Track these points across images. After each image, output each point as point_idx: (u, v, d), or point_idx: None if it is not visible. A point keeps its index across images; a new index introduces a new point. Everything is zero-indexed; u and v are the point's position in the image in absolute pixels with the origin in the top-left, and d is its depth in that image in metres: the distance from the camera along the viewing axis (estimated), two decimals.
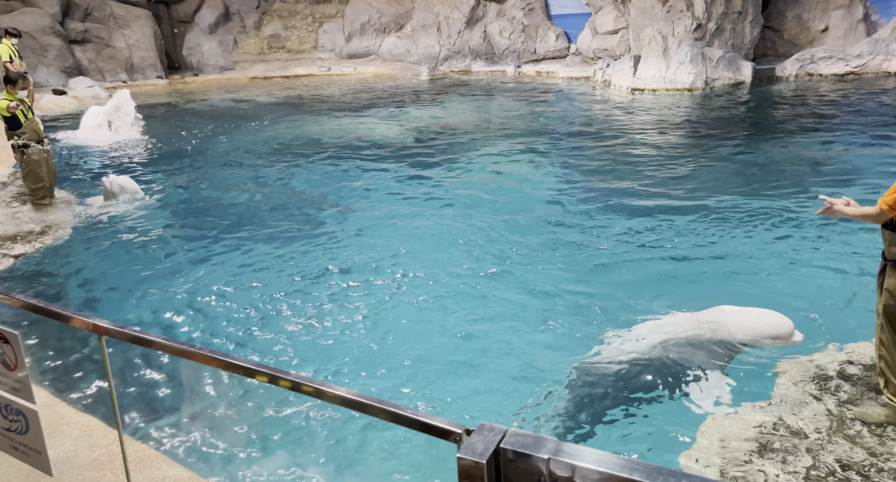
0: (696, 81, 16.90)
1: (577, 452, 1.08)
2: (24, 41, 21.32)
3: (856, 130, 11.36)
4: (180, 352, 1.82)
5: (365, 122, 14.78)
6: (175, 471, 3.06)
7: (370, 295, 5.72)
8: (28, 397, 2.04)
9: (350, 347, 4.86)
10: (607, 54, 21.10)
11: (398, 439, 3.76)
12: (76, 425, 3.44)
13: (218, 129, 14.64)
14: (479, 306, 5.46)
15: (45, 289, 6.05)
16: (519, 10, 23.54)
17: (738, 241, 6.62)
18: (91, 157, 12.11)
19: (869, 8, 19.13)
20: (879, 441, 3.17)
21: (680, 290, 5.60)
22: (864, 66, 17.47)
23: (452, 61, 24.71)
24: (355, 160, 11.08)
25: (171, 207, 8.67)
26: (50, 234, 7.35)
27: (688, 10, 17.53)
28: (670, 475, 1.00)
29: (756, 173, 9.12)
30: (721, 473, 3.00)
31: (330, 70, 25.03)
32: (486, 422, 1.19)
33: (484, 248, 6.69)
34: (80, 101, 19.03)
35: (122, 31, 23.68)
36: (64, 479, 2.96)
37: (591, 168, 9.95)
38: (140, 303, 5.77)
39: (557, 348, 4.76)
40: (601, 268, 6.13)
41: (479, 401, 4.19)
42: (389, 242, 7.00)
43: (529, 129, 13.24)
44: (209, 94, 21.52)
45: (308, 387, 1.50)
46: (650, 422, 3.85)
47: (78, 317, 2.04)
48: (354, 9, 25.98)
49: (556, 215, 7.72)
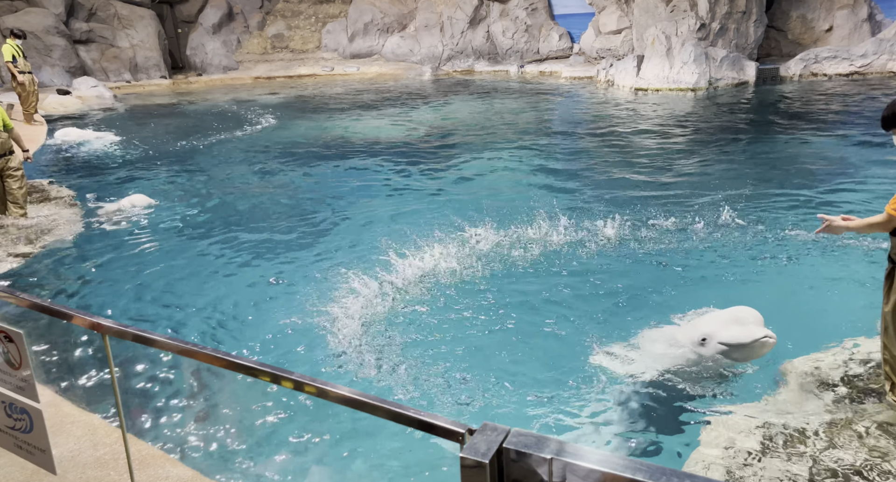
0: (700, 81, 16.87)
1: (579, 452, 1.08)
2: (29, 41, 21.38)
3: (860, 131, 11.33)
4: (183, 351, 1.82)
5: (368, 122, 14.79)
6: (179, 469, 3.06)
7: (370, 294, 5.73)
8: (32, 396, 2.05)
9: (350, 347, 4.86)
10: (611, 54, 21.07)
11: (401, 438, 3.76)
12: (80, 424, 3.45)
13: (221, 129, 14.67)
14: (479, 306, 5.46)
15: (49, 288, 6.07)
16: (522, 10, 23.52)
17: (741, 242, 6.60)
18: (92, 157, 12.14)
19: (874, 7, 19.07)
20: (884, 442, 3.16)
21: (684, 293, 5.58)
22: (868, 65, 17.41)
23: (455, 61, 24.71)
24: (358, 160, 11.08)
25: (173, 207, 8.69)
26: (54, 234, 7.37)
27: (691, 10, 17.49)
28: (673, 475, 1.00)
29: (760, 174, 9.10)
30: (725, 474, 3.00)
31: (333, 70, 25.05)
32: (489, 421, 1.19)
33: (483, 248, 6.69)
34: (85, 101, 19.08)
35: (126, 30, 23.73)
36: (68, 478, 2.97)
37: (594, 168, 9.94)
38: (143, 301, 5.79)
39: (558, 347, 4.75)
40: (604, 270, 6.12)
41: (479, 402, 4.19)
42: (391, 242, 7.00)
43: (533, 130, 13.23)
44: (213, 94, 21.55)
45: (311, 386, 1.51)
46: (650, 422, 3.84)
47: (81, 316, 2.05)
48: (358, 9, 26.00)
49: (558, 216, 7.71)
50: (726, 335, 4.10)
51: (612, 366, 4.38)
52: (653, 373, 4.20)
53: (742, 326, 4.10)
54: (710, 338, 4.17)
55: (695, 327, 4.35)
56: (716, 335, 4.15)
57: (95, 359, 4.62)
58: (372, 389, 4.28)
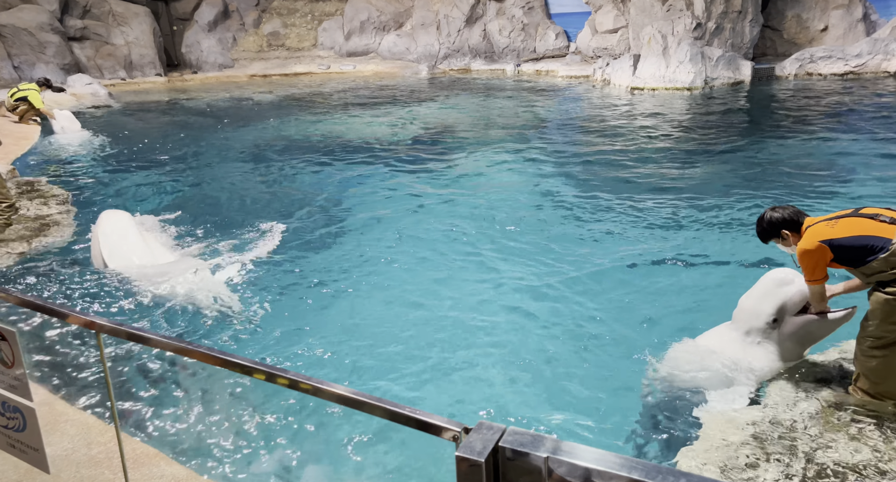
0: (696, 80, 16.90)
1: (575, 451, 1.08)
2: (23, 38, 21.29)
3: (855, 130, 11.37)
4: (178, 349, 1.81)
5: (364, 121, 14.77)
6: (173, 468, 3.05)
7: (368, 293, 5.72)
8: (25, 394, 2.03)
9: (349, 346, 4.86)
10: (607, 53, 21.09)
11: (396, 437, 3.75)
12: (74, 423, 3.43)
13: (216, 127, 14.62)
14: (479, 306, 5.46)
15: (42, 286, 6.04)
16: (519, 9, 23.52)
17: (739, 242, 6.62)
18: (85, 154, 12.09)
19: (868, 7, 19.14)
20: (877, 441, 3.17)
21: (685, 293, 5.57)
22: (863, 65, 17.48)
23: (452, 60, 24.69)
24: (353, 158, 11.06)
25: (165, 205, 8.66)
26: (47, 233, 7.34)
27: (687, 9, 17.52)
28: (669, 474, 1.00)
29: (755, 173, 9.12)
30: (719, 473, 3.01)
31: (329, 68, 25.00)
32: (485, 420, 1.19)
33: (483, 247, 6.69)
34: (79, 99, 18.99)
35: (121, 28, 23.64)
36: (61, 477, 2.96)
37: (589, 168, 9.95)
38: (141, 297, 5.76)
39: (557, 348, 4.76)
40: (599, 273, 6.12)
41: (480, 401, 4.19)
42: (384, 241, 7.00)
43: (529, 128, 13.23)
44: (208, 92, 21.49)
45: (306, 384, 1.50)
46: (650, 422, 3.85)
47: (75, 315, 2.04)
48: (354, 7, 25.95)
49: (555, 215, 7.72)
50: (799, 298, 3.69)
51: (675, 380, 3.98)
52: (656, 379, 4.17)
53: (795, 284, 3.74)
54: (784, 310, 3.74)
55: (751, 315, 3.84)
56: (788, 304, 3.74)
57: (89, 357, 4.60)
58: (370, 389, 4.27)
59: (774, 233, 3.61)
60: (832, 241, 3.31)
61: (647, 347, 4.46)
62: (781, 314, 3.79)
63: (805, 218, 3.56)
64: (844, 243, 3.30)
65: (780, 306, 3.77)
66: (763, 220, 3.64)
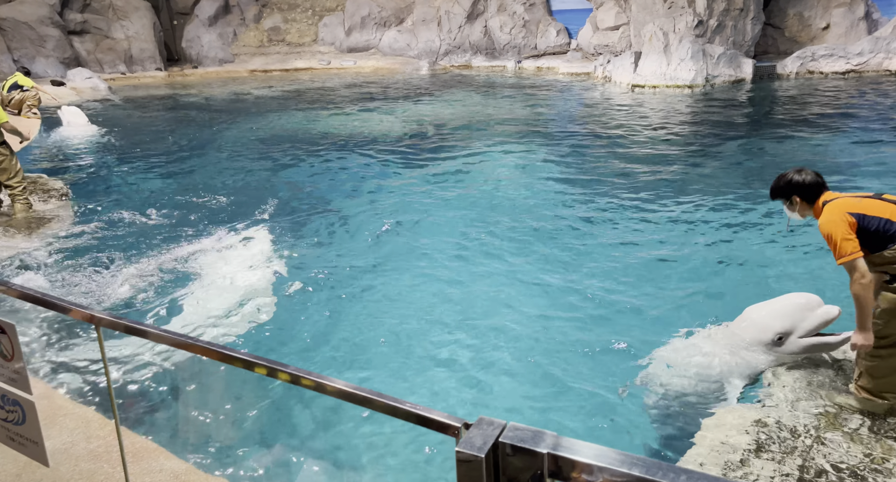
0: (697, 78, 16.87)
1: (575, 447, 1.07)
2: (23, 32, 21.24)
3: (856, 128, 11.36)
4: (177, 342, 1.81)
5: (364, 117, 14.74)
6: (172, 462, 3.05)
7: (371, 289, 5.72)
8: (25, 388, 2.03)
9: (351, 343, 4.86)
10: (608, 50, 21.05)
11: (397, 432, 3.76)
12: (73, 416, 3.43)
13: (215, 122, 14.60)
14: (480, 303, 5.46)
15: (42, 279, 6.04)
16: (520, 6, 23.46)
17: (743, 240, 6.61)
18: (86, 148, 12.07)
19: (870, 6, 19.09)
20: (877, 442, 3.18)
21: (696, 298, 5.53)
22: (864, 64, 17.45)
23: (453, 56, 24.64)
24: (354, 154, 11.05)
25: (163, 200, 8.65)
26: (47, 227, 7.33)
27: (689, 7, 17.48)
28: (669, 470, 0.99)
29: (755, 171, 9.11)
30: (720, 472, 3.01)
31: (330, 64, 24.95)
32: (486, 416, 1.18)
33: (482, 246, 6.68)
34: (79, 93, 18.96)
35: (121, 22, 23.58)
36: (60, 470, 2.96)
37: (590, 165, 9.94)
38: (139, 294, 5.76)
39: (557, 345, 4.76)
40: (599, 270, 6.13)
41: (480, 397, 4.19)
42: (385, 237, 6.99)
43: (530, 125, 13.22)
44: (208, 87, 21.45)
45: (307, 380, 1.49)
46: (651, 420, 3.85)
47: (75, 308, 2.04)
48: (355, 2, 25.89)
49: (556, 213, 7.72)
50: (810, 325, 3.68)
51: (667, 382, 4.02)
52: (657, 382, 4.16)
53: (815, 312, 3.72)
54: (791, 332, 3.74)
55: (758, 327, 3.86)
56: (797, 329, 3.74)
57: (89, 351, 4.60)
58: (372, 384, 4.28)
59: (786, 194, 3.48)
60: (863, 216, 3.16)
61: (649, 346, 4.46)
62: (787, 335, 3.79)
63: (825, 192, 3.43)
64: (871, 222, 3.16)
65: (791, 328, 3.77)
66: (783, 177, 3.49)
